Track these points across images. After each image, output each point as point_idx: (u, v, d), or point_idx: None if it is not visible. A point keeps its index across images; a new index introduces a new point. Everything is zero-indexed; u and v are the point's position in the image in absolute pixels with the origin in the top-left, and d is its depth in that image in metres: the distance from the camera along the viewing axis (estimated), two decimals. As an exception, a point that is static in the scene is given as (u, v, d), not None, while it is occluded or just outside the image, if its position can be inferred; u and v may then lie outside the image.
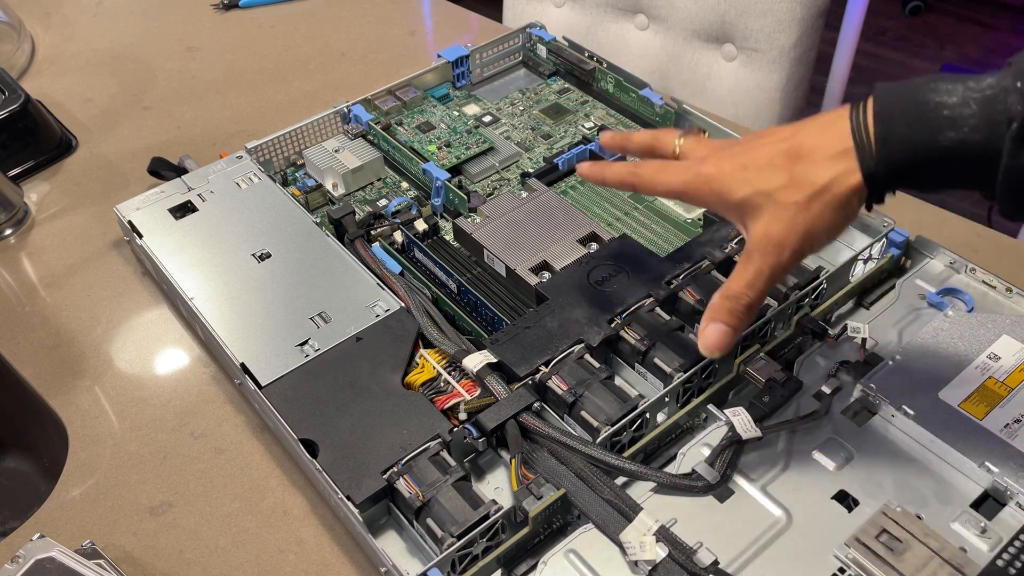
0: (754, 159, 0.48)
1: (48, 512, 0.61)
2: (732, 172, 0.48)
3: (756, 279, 0.48)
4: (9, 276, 0.79)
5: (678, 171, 0.51)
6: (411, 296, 0.66)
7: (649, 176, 0.52)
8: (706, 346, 0.49)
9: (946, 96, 0.42)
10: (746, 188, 0.47)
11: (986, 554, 0.50)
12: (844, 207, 0.46)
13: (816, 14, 1.11)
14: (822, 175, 0.45)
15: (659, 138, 0.55)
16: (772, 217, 0.46)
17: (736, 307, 0.48)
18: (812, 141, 0.46)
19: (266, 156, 0.82)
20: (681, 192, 0.50)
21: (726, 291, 0.49)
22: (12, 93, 0.90)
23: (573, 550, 0.51)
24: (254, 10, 1.14)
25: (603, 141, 0.59)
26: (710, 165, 0.49)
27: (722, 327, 0.49)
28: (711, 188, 0.49)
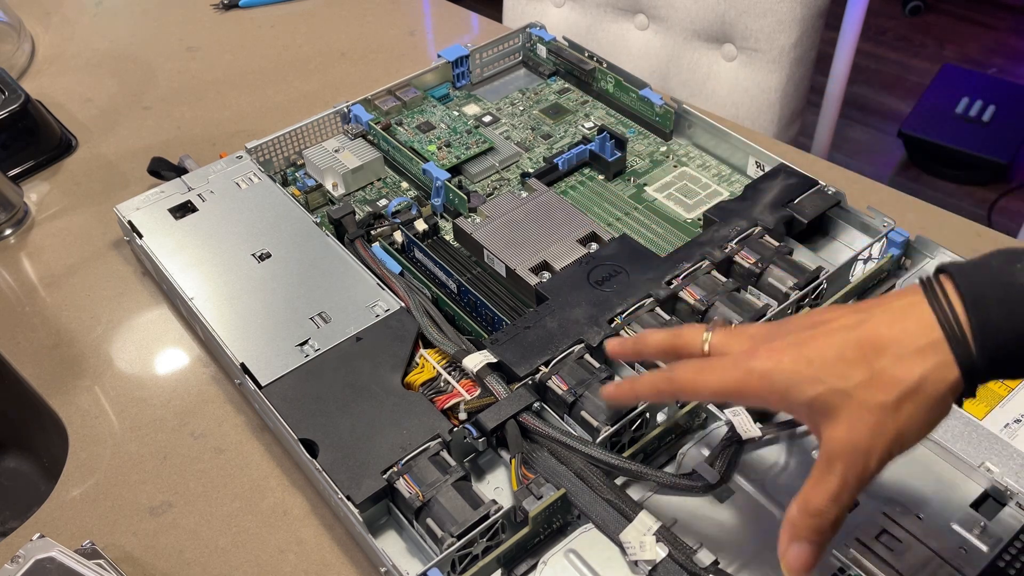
0: (819, 351, 0.41)
1: (48, 512, 0.61)
2: (795, 367, 0.41)
3: (841, 492, 0.40)
4: (9, 276, 0.79)
5: (725, 369, 0.43)
6: (411, 296, 0.66)
7: (690, 380, 0.44)
8: (792, 570, 0.42)
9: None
10: (818, 386, 0.40)
11: (986, 554, 0.50)
12: (939, 406, 0.40)
13: (816, 14, 1.11)
14: (912, 372, 0.39)
15: (681, 336, 0.47)
16: (855, 420, 0.40)
17: (822, 524, 0.41)
18: (890, 332, 0.40)
19: (266, 156, 0.82)
20: (732, 394, 0.43)
21: (808, 506, 0.41)
22: (12, 93, 0.90)
23: (573, 550, 0.51)
24: (254, 10, 1.14)
25: (611, 351, 0.52)
26: (764, 359, 0.42)
27: (807, 547, 0.41)
28: (771, 386, 0.41)
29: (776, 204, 0.70)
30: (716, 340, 0.46)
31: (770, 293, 0.66)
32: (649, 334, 0.50)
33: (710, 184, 0.80)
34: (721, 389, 0.43)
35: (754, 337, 0.44)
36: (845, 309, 0.43)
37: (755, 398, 0.43)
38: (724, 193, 0.78)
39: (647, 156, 0.83)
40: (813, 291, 0.64)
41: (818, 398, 0.40)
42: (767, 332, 0.44)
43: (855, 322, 0.41)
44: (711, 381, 0.44)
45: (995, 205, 1.91)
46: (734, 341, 0.45)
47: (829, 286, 0.65)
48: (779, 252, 0.67)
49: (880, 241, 0.68)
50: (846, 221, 0.72)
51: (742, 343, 0.44)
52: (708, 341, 0.46)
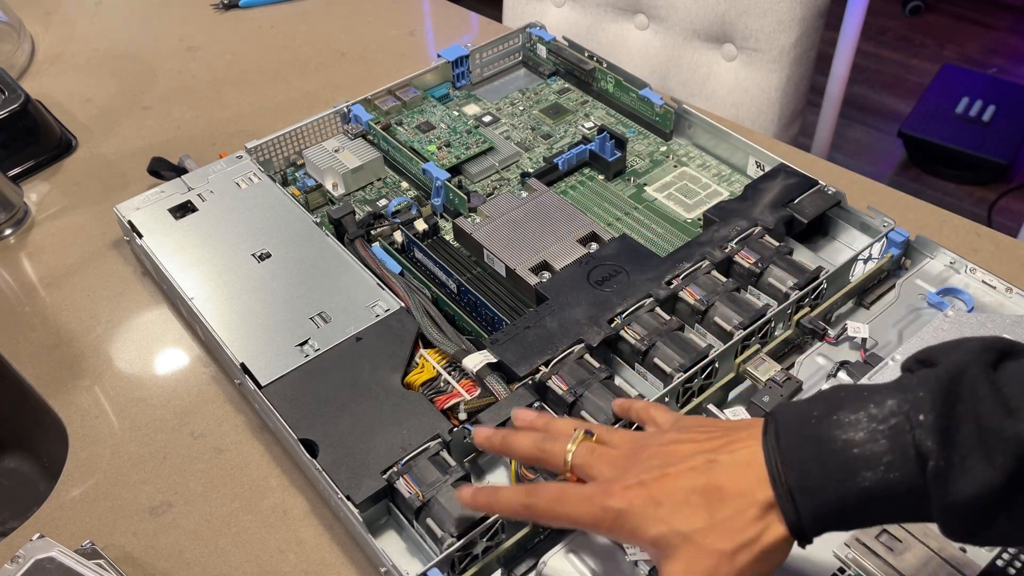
0: (667, 494, 0.43)
1: (48, 512, 0.61)
2: (643, 508, 0.43)
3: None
4: (9, 276, 0.79)
5: (581, 503, 0.45)
6: (411, 296, 0.66)
7: (547, 507, 0.46)
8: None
9: (852, 431, 0.40)
10: (662, 526, 0.43)
11: (986, 554, 0.50)
12: (772, 556, 0.42)
13: (816, 14, 1.11)
14: (748, 526, 0.42)
15: (545, 450, 0.49)
16: (692, 561, 0.42)
17: None
18: (733, 484, 0.42)
19: (266, 156, 0.82)
20: (587, 526, 0.46)
21: None
22: (12, 93, 0.90)
23: (573, 550, 0.51)
24: (254, 10, 1.14)
25: (479, 442, 0.52)
26: (616, 498, 0.44)
27: None
28: (623, 526, 0.44)
29: (776, 204, 0.70)
30: (578, 460, 0.48)
31: (770, 293, 0.66)
32: (517, 439, 0.51)
33: (710, 184, 0.80)
34: (576, 522, 0.46)
35: (613, 463, 0.46)
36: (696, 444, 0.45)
37: (607, 533, 0.46)
38: (724, 193, 0.78)
39: (647, 156, 0.83)
40: (813, 291, 0.64)
41: (661, 537, 0.43)
42: (624, 460, 0.46)
43: (703, 465, 0.43)
44: (569, 513, 0.46)
45: (995, 205, 1.91)
46: (595, 464, 0.47)
47: (829, 286, 0.65)
48: (779, 252, 0.67)
49: (880, 241, 0.68)
50: (846, 221, 0.72)
51: (601, 470, 0.46)
52: (570, 462, 0.48)
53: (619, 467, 0.46)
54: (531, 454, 0.50)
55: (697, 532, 0.42)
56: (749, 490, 0.42)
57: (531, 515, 0.48)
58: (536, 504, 0.47)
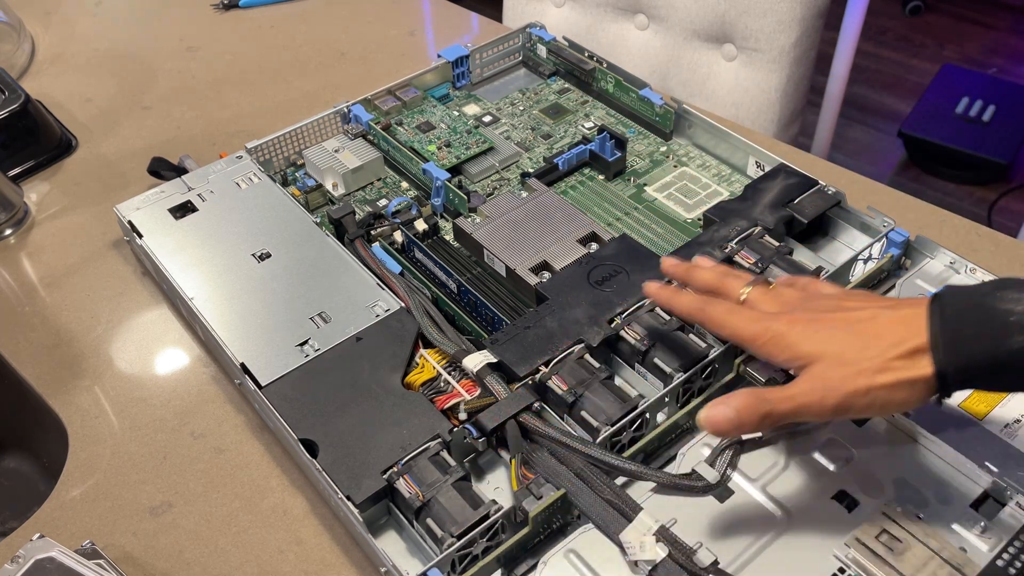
0: (826, 328, 0.49)
1: (48, 512, 0.61)
2: (803, 332, 0.49)
3: (790, 399, 0.47)
4: (9, 276, 0.79)
5: (748, 320, 0.51)
6: (411, 296, 0.66)
7: (718, 317, 0.52)
8: (705, 418, 0.49)
9: (1011, 304, 0.44)
10: (815, 345, 0.48)
11: (986, 554, 0.50)
12: (908, 390, 0.46)
13: (816, 14, 1.11)
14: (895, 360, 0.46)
15: (725, 283, 0.55)
16: (834, 365, 0.47)
17: (755, 406, 0.48)
18: (892, 330, 0.47)
19: (266, 156, 0.82)
20: (747, 341, 0.51)
21: (758, 390, 0.48)
22: (12, 93, 0.90)
23: (573, 550, 0.51)
24: (254, 10, 1.14)
25: (665, 268, 0.59)
26: (781, 323, 0.50)
27: (730, 415, 0.48)
28: (778, 343, 0.49)
29: (776, 204, 0.70)
30: (753, 296, 0.54)
31: (770, 293, 0.66)
32: (700, 272, 0.57)
33: (710, 184, 0.80)
34: (739, 334, 0.51)
35: (784, 303, 0.52)
36: (865, 302, 0.50)
37: (762, 349, 0.50)
38: (724, 193, 0.78)
39: (647, 156, 0.83)
40: (813, 291, 0.64)
41: (811, 352, 0.48)
42: (795, 302, 0.52)
43: (868, 316, 0.48)
44: (735, 325, 0.52)
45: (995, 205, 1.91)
46: (767, 301, 0.53)
47: (829, 286, 0.65)
48: (779, 252, 0.67)
49: (880, 241, 0.68)
50: (846, 221, 0.72)
51: (772, 306, 0.52)
52: (746, 295, 0.54)
53: (788, 306, 0.52)
54: (712, 283, 0.56)
55: (847, 352, 0.47)
56: (905, 337, 0.46)
57: (703, 319, 0.54)
58: (710, 311, 0.53)
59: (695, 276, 0.57)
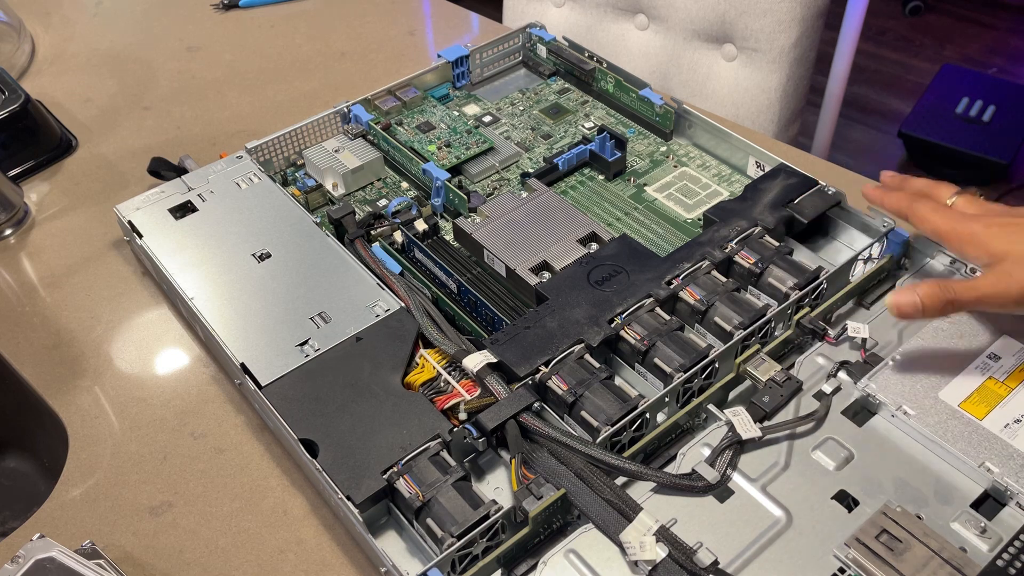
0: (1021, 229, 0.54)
1: (48, 512, 0.61)
2: (998, 233, 0.54)
3: (974, 289, 0.53)
4: (9, 276, 0.79)
5: (950, 218, 0.57)
6: (411, 296, 0.66)
7: (923, 212, 0.58)
8: (894, 303, 0.55)
9: None
10: (1007, 245, 0.53)
11: (986, 554, 0.50)
12: None
13: (816, 14, 1.11)
14: None
15: (937, 187, 0.61)
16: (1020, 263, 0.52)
17: (940, 294, 0.53)
18: None
19: (266, 156, 0.82)
20: (945, 235, 0.57)
21: (943, 280, 0.54)
22: (12, 93, 0.90)
23: (573, 550, 0.51)
24: (254, 10, 1.14)
25: (884, 178, 0.66)
26: (980, 224, 0.55)
27: (917, 301, 0.54)
28: (973, 240, 0.55)
29: (776, 204, 0.70)
30: (959, 202, 0.59)
31: (770, 293, 0.66)
32: (914, 180, 0.63)
33: (710, 184, 0.80)
34: (940, 230, 0.57)
35: (987, 210, 0.58)
36: None
37: (960, 244, 0.56)
38: (724, 193, 0.78)
39: (647, 156, 0.83)
40: (813, 291, 0.64)
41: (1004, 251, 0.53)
42: (997, 209, 0.57)
43: None
44: (936, 221, 0.58)
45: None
46: (971, 207, 0.59)
47: (829, 286, 0.65)
48: (779, 252, 0.67)
49: (880, 241, 0.68)
50: (846, 221, 0.72)
51: (975, 210, 0.58)
52: (953, 200, 0.59)
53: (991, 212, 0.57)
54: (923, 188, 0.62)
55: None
56: None
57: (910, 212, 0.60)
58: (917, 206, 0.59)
59: (909, 182, 0.63)
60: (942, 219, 0.57)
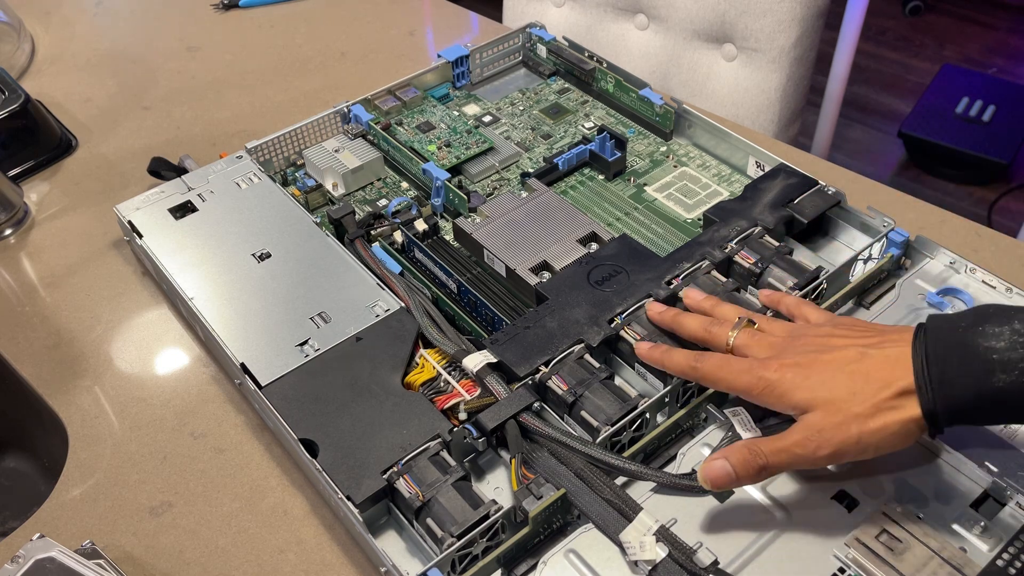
0: (817, 373, 0.50)
1: (48, 512, 0.61)
2: (793, 380, 0.50)
3: (784, 452, 0.49)
4: (9, 276, 0.79)
5: (739, 373, 0.52)
6: (411, 296, 0.66)
7: (711, 372, 0.54)
8: (705, 477, 0.50)
9: (994, 341, 0.45)
10: (807, 393, 0.49)
11: (986, 554, 0.50)
12: (901, 434, 0.48)
13: (816, 14, 1.11)
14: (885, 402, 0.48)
15: (711, 333, 0.57)
16: (828, 414, 0.48)
17: (751, 461, 0.49)
18: (880, 372, 0.48)
19: (266, 156, 0.82)
20: (742, 393, 0.53)
21: (753, 443, 0.50)
22: (12, 93, 0.90)
23: (573, 550, 0.51)
24: (254, 10, 1.14)
25: (651, 315, 0.62)
26: (771, 371, 0.51)
27: (728, 469, 0.49)
28: (772, 392, 0.51)
29: (776, 204, 0.70)
30: (739, 342, 0.55)
31: (770, 293, 0.66)
32: (686, 322, 0.59)
33: (710, 184, 0.80)
34: (732, 387, 0.53)
35: (772, 347, 0.53)
36: (851, 337, 0.51)
37: (757, 398, 0.52)
38: (724, 193, 0.78)
39: (647, 156, 0.83)
40: (813, 291, 0.64)
41: (804, 401, 0.50)
42: (782, 345, 0.53)
43: (855, 355, 0.50)
44: (728, 379, 0.53)
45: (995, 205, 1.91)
46: (754, 346, 0.54)
47: (829, 286, 0.65)
48: (779, 252, 0.67)
49: (880, 241, 0.68)
50: (846, 221, 0.72)
51: (760, 351, 0.54)
52: (732, 343, 0.55)
53: (776, 349, 0.53)
54: (698, 334, 0.58)
55: (838, 398, 0.48)
56: (893, 379, 0.48)
57: (696, 375, 0.55)
58: (702, 368, 0.54)
59: (682, 326, 0.59)
60: (732, 375, 0.53)
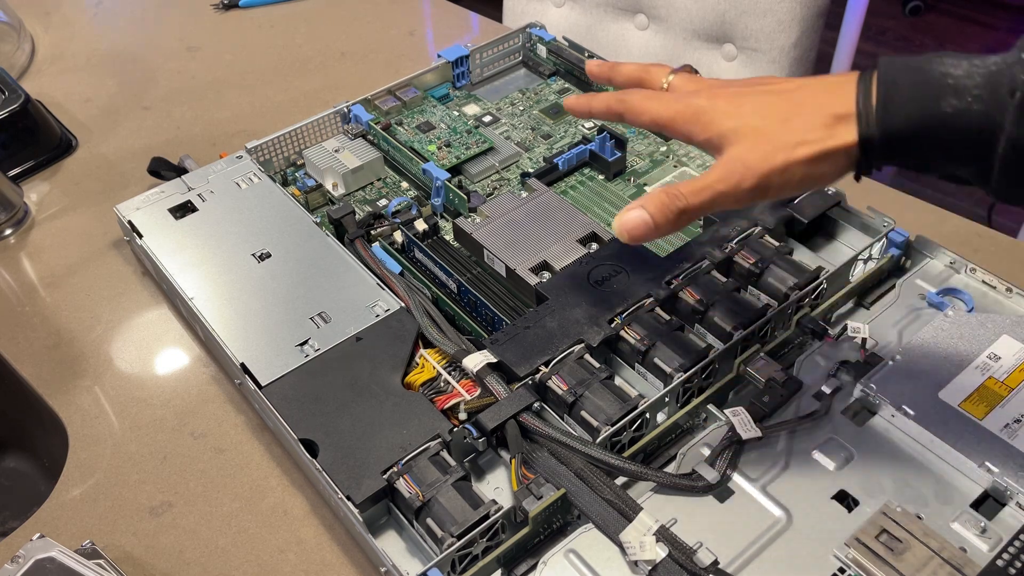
0: (750, 99, 0.47)
1: (48, 512, 0.61)
2: (725, 108, 0.47)
3: (704, 190, 0.46)
4: (9, 276, 0.79)
5: (668, 102, 0.49)
6: (411, 296, 0.66)
7: (637, 103, 0.50)
8: (621, 229, 0.47)
9: (952, 68, 0.42)
10: (735, 120, 0.46)
11: (986, 554, 0.50)
12: (828, 162, 0.45)
13: (816, 14, 1.11)
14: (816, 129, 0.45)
15: (648, 71, 0.53)
16: (752, 145, 0.45)
17: (670, 204, 0.46)
18: (814, 99, 0.45)
19: (266, 156, 0.82)
20: (668, 122, 0.49)
21: (671, 188, 0.46)
22: (12, 93, 0.90)
23: (573, 550, 0.51)
24: (254, 10, 1.14)
25: (589, 70, 0.58)
26: (703, 98, 0.48)
27: (646, 217, 0.46)
28: (699, 119, 0.47)
29: (776, 204, 0.70)
30: (676, 82, 0.52)
31: (770, 293, 0.66)
32: (623, 65, 0.55)
33: (710, 184, 0.79)
34: (660, 117, 0.49)
35: (705, 83, 0.50)
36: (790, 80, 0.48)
37: (683, 126, 0.48)
38: (724, 193, 0.78)
39: (647, 156, 0.83)
40: (813, 291, 0.64)
41: (732, 129, 0.46)
42: (717, 82, 0.50)
43: (792, 87, 0.47)
44: (655, 108, 0.49)
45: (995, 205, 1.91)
46: (689, 84, 0.51)
47: (829, 286, 0.65)
48: (779, 252, 0.67)
49: (880, 241, 0.68)
50: (846, 221, 0.72)
51: (694, 86, 0.50)
52: (669, 81, 0.52)
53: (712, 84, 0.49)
54: (634, 73, 0.54)
55: (768, 127, 0.45)
56: (830, 104, 0.44)
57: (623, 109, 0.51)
58: (629, 99, 0.51)
59: (618, 70, 0.56)
60: (659, 105, 0.49)
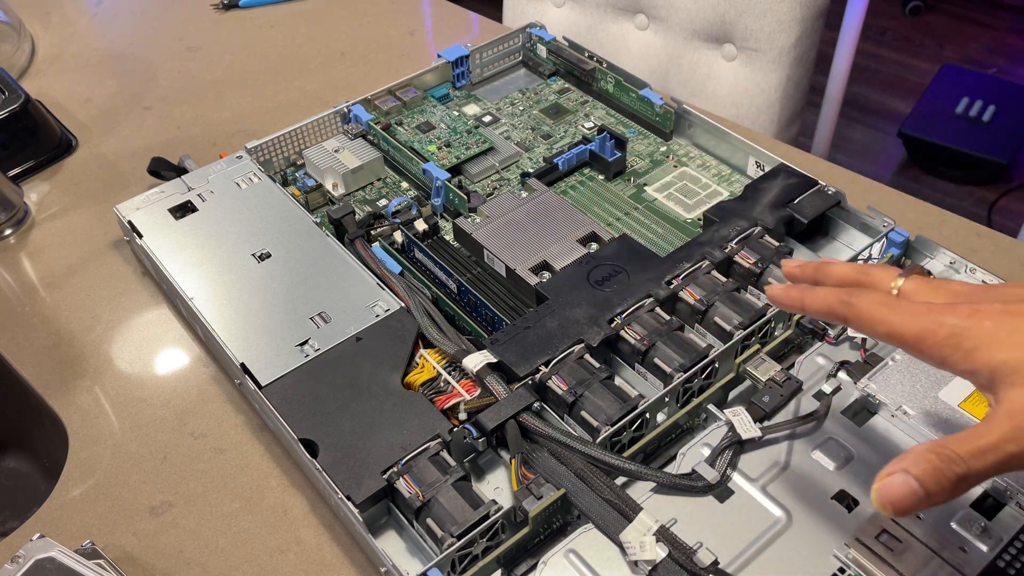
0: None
1: (48, 512, 0.61)
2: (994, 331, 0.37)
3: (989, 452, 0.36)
4: (9, 276, 0.79)
5: (912, 313, 0.40)
6: (411, 296, 0.66)
7: (870, 312, 0.41)
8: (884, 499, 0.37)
9: None
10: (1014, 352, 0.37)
11: (986, 554, 0.50)
12: None
13: (816, 14, 1.11)
14: None
15: (870, 274, 0.44)
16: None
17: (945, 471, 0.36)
18: None
19: (266, 156, 0.82)
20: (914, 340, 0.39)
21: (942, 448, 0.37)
22: (12, 93, 0.90)
23: (573, 550, 0.51)
24: (254, 10, 1.14)
25: (787, 270, 0.49)
26: (963, 316, 0.38)
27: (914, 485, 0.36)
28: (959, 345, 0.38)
29: (776, 204, 0.70)
30: (909, 287, 0.42)
31: (770, 293, 0.66)
32: (834, 264, 0.46)
33: (710, 184, 0.80)
34: (901, 333, 0.40)
35: (956, 294, 0.41)
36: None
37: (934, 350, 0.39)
38: (724, 193, 0.78)
39: (647, 156, 0.83)
40: (813, 291, 0.64)
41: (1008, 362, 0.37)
42: (970, 292, 0.41)
43: None
44: (895, 321, 0.40)
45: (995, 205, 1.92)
46: (930, 293, 0.42)
47: (829, 286, 0.65)
48: (779, 252, 0.67)
49: (880, 241, 0.68)
50: (846, 221, 0.72)
51: (940, 297, 0.41)
52: (899, 287, 0.43)
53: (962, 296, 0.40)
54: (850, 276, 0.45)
55: None
56: None
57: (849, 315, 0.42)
58: (858, 303, 0.41)
59: (828, 271, 0.46)
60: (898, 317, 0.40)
